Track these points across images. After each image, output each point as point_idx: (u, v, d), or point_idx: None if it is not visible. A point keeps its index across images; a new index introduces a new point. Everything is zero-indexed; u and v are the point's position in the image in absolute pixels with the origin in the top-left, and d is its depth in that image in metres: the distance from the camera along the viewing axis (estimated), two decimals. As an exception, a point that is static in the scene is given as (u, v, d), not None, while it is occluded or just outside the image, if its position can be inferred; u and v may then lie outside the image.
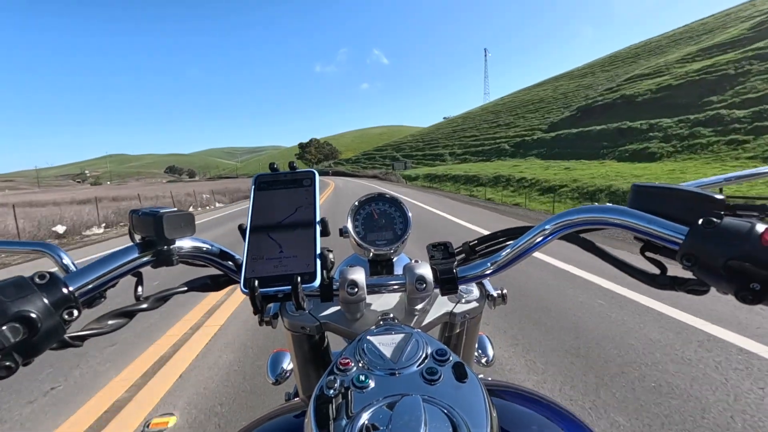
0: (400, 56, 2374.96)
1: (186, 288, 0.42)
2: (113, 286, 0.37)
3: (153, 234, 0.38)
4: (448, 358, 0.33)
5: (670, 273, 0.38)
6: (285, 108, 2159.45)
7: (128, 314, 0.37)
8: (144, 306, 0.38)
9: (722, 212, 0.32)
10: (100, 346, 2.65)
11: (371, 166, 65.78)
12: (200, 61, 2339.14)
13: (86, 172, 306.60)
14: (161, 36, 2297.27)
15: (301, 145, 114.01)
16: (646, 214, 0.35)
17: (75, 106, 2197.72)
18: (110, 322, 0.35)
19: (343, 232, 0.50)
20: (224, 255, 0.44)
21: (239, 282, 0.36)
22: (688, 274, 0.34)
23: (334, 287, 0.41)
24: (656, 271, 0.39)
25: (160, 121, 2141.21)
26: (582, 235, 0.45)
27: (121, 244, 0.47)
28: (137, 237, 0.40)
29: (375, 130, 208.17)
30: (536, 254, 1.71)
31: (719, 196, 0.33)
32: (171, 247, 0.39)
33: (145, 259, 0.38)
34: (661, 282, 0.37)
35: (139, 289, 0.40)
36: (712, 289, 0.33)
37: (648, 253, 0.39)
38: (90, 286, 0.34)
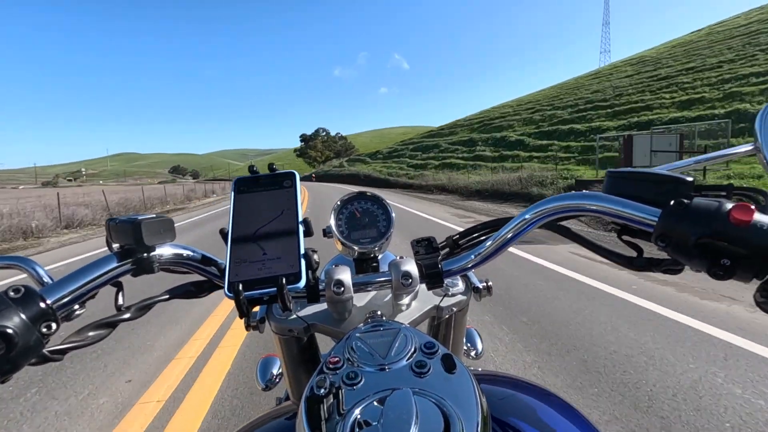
0: (419, 58, 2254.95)
1: (168, 296, 0.41)
2: (92, 297, 0.36)
3: (132, 242, 0.37)
4: (437, 351, 0.32)
5: (646, 255, 0.39)
6: (301, 110, 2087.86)
7: (110, 325, 0.36)
8: (126, 316, 0.37)
9: (692, 193, 0.34)
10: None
11: (430, 164, 31.16)
12: (219, 63, 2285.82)
13: (82, 170, 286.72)
14: (184, 39, 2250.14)
15: (304, 138, 79.95)
16: (620, 198, 0.36)
17: (90, 105, 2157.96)
18: (91, 333, 0.35)
19: (326, 232, 0.49)
20: (207, 260, 0.44)
21: (223, 287, 0.35)
22: (663, 255, 0.35)
23: (321, 287, 0.41)
24: (633, 254, 0.39)
25: (178, 122, 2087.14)
26: (559, 222, 0.46)
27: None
28: (115, 246, 0.39)
29: (396, 130, 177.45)
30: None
31: (689, 178, 0.35)
32: (151, 254, 0.39)
33: (124, 268, 0.37)
34: (637, 264, 0.38)
35: (120, 298, 0.38)
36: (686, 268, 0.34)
37: (625, 237, 0.39)
38: (67, 299, 0.33)
